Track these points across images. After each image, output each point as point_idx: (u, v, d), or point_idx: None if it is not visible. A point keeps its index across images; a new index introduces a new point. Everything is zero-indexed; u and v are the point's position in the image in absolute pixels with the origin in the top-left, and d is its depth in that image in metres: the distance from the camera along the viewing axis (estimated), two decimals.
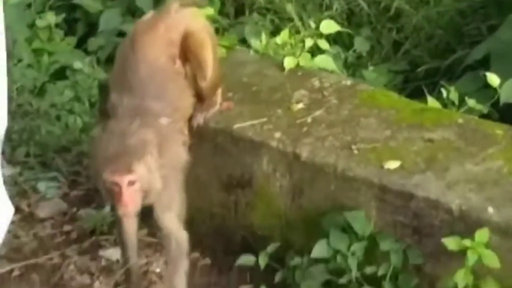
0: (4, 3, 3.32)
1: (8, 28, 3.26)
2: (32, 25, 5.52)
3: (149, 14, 3.91)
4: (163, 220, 3.62)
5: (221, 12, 5.39)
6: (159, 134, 3.54)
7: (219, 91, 3.92)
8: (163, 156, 3.51)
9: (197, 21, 3.88)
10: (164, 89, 3.69)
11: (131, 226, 3.75)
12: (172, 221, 3.63)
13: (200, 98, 3.84)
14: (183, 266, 3.64)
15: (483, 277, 3.22)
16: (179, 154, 3.66)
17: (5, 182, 3.44)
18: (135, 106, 3.61)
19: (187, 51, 3.77)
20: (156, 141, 3.50)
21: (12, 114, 4.90)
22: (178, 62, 3.77)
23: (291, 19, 5.08)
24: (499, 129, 3.65)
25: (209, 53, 3.80)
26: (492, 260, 3.17)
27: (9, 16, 4.61)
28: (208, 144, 3.83)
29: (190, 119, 3.81)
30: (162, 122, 3.61)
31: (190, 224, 3.98)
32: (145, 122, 3.53)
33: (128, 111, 3.59)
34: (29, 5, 5.66)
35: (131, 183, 3.42)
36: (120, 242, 3.79)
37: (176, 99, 3.73)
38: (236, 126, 3.80)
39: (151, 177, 3.47)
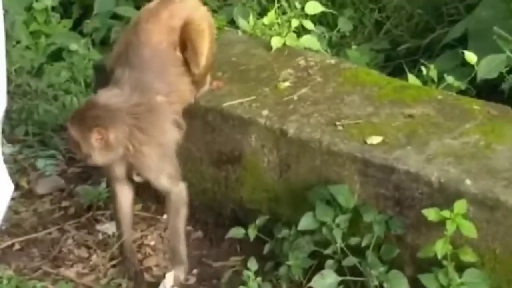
0: None
1: (5, 11, 3.23)
2: (29, 8, 5.49)
3: (155, 1, 3.89)
4: (158, 184, 3.65)
5: None
6: (150, 111, 3.58)
7: (205, 85, 3.90)
8: (146, 133, 3.55)
9: (198, 11, 3.87)
10: (164, 71, 3.71)
11: (126, 200, 3.76)
12: (165, 182, 3.64)
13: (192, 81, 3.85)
14: (183, 213, 3.66)
15: (461, 246, 3.24)
16: (168, 131, 3.66)
17: (5, 160, 3.44)
18: (137, 78, 3.62)
19: (185, 39, 3.77)
20: (143, 119, 3.55)
21: (11, 94, 4.91)
22: (178, 49, 3.78)
23: (277, 0, 5.06)
24: (476, 105, 3.66)
25: (206, 42, 3.80)
26: (469, 230, 3.18)
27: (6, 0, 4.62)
28: (199, 121, 3.83)
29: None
30: (157, 100, 3.63)
31: None
32: (141, 96, 3.58)
33: (130, 82, 3.62)
34: None
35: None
36: (115, 216, 3.81)
37: (174, 82, 3.74)
38: (225, 104, 3.80)
39: (95, 153, 3.52)
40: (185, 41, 3.77)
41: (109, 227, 4.03)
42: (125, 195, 3.75)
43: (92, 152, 3.54)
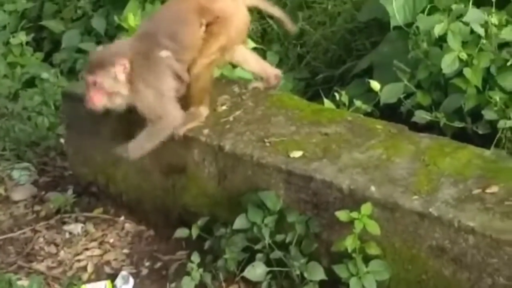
0: None
1: None
2: (7, 43, 5.43)
3: None
4: (148, 117, 3.57)
5: None
6: (149, 63, 3.51)
7: (205, 107, 3.73)
8: (138, 72, 3.49)
9: (238, 24, 3.68)
10: (179, 33, 3.58)
11: None
12: (153, 119, 3.56)
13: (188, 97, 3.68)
14: (159, 133, 3.58)
15: (367, 241, 3.27)
16: (163, 79, 3.56)
17: None
18: (148, 33, 3.58)
19: (206, 28, 3.64)
20: (135, 60, 3.48)
21: None
22: (203, 28, 3.63)
23: None
24: (379, 125, 3.68)
25: (213, 46, 3.64)
26: (374, 228, 3.21)
27: None
28: None
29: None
30: (161, 54, 3.54)
31: (138, 203, 3.98)
32: (145, 48, 3.52)
33: (140, 34, 3.60)
34: (4, 27, 5.57)
35: (94, 83, 3.46)
36: None
37: (188, 45, 3.60)
38: None
39: (116, 84, 3.48)
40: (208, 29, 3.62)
41: (74, 228, 3.98)
42: None
43: (118, 86, 3.47)
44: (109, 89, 3.51)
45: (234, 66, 4.30)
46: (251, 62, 3.97)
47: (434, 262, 3.16)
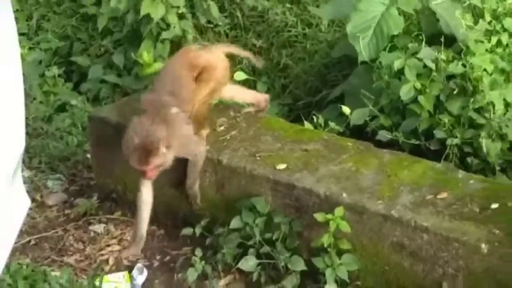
0: (22, 60, 3.23)
1: (25, 77, 3.16)
2: (42, 75, 5.40)
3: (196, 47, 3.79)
4: (185, 157, 3.57)
5: None
6: (168, 122, 3.45)
7: (205, 129, 3.75)
8: (172, 136, 3.43)
9: (221, 70, 3.68)
10: (178, 89, 3.56)
11: (148, 194, 3.64)
12: (189, 157, 3.57)
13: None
14: (198, 167, 3.58)
15: (340, 238, 3.27)
16: (184, 128, 3.55)
17: (24, 182, 3.35)
18: (154, 99, 3.52)
19: (197, 78, 3.65)
20: (166, 130, 3.41)
21: (29, 135, 4.82)
22: (194, 80, 3.64)
23: None
24: (349, 142, 3.70)
25: (205, 91, 3.66)
26: (345, 227, 3.22)
27: (26, 69, 4.54)
28: None
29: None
30: (172, 112, 3.51)
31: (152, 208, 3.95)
32: (159, 115, 3.44)
33: (148, 105, 3.51)
34: (40, 62, 5.54)
35: (151, 168, 3.41)
36: (137, 207, 3.66)
37: (187, 97, 3.59)
38: None
39: (165, 156, 3.42)
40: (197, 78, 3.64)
41: (98, 228, 3.95)
42: (147, 189, 3.65)
43: (166, 156, 3.42)
44: (162, 164, 3.47)
45: None
46: (242, 95, 4.00)
47: (395, 256, 3.17)
